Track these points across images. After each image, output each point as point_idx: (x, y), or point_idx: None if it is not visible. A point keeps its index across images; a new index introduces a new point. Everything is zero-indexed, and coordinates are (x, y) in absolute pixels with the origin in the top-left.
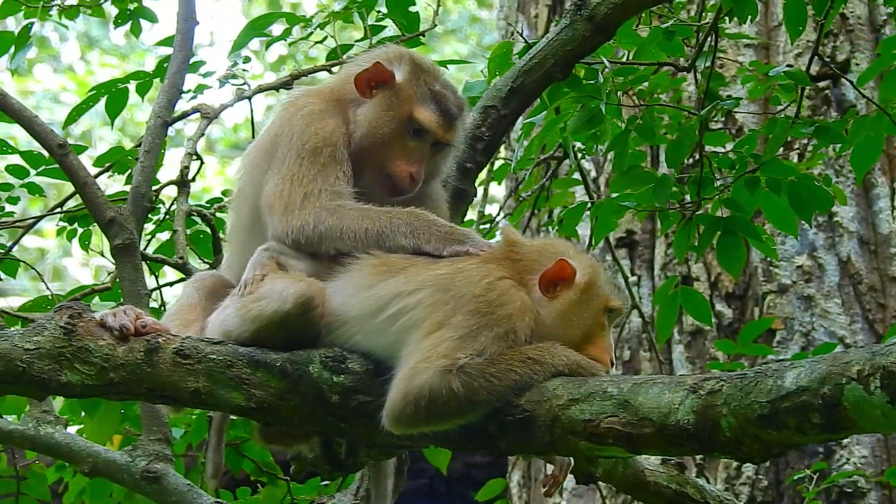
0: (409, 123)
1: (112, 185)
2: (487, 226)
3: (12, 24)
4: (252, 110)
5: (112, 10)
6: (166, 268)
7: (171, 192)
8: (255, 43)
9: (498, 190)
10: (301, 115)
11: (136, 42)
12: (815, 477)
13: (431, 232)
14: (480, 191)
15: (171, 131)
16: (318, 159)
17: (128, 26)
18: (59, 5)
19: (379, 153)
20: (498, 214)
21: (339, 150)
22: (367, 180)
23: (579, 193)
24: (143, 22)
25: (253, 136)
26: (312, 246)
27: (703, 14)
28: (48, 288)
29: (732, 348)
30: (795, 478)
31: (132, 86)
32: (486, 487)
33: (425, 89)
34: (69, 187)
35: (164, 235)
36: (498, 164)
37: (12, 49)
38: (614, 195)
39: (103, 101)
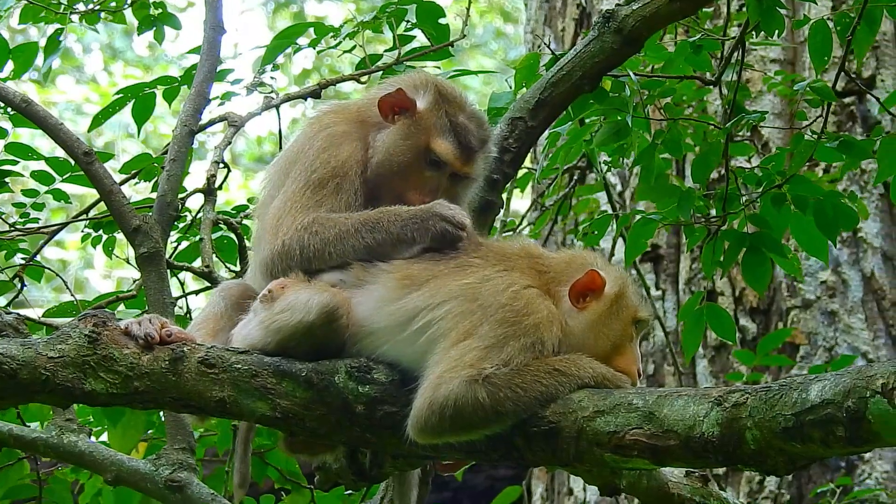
0: (427, 154)
1: (135, 194)
2: (510, 233)
3: (34, 33)
4: (280, 118)
5: (135, 21)
6: (190, 276)
7: (196, 201)
8: (280, 57)
9: (520, 203)
10: (322, 137)
11: (159, 53)
12: (838, 491)
13: (411, 229)
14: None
15: (195, 143)
16: (320, 190)
17: (151, 34)
18: (80, 11)
19: (395, 180)
20: (520, 223)
21: (349, 179)
22: (384, 206)
23: (603, 201)
24: (167, 32)
25: (280, 147)
26: (303, 265)
27: (730, 24)
28: (73, 296)
29: (752, 359)
30: (818, 491)
31: (159, 92)
32: (501, 495)
33: (446, 120)
34: (91, 197)
35: (184, 245)
36: (521, 172)
37: (40, 57)
38: (641, 210)
39: (128, 111)
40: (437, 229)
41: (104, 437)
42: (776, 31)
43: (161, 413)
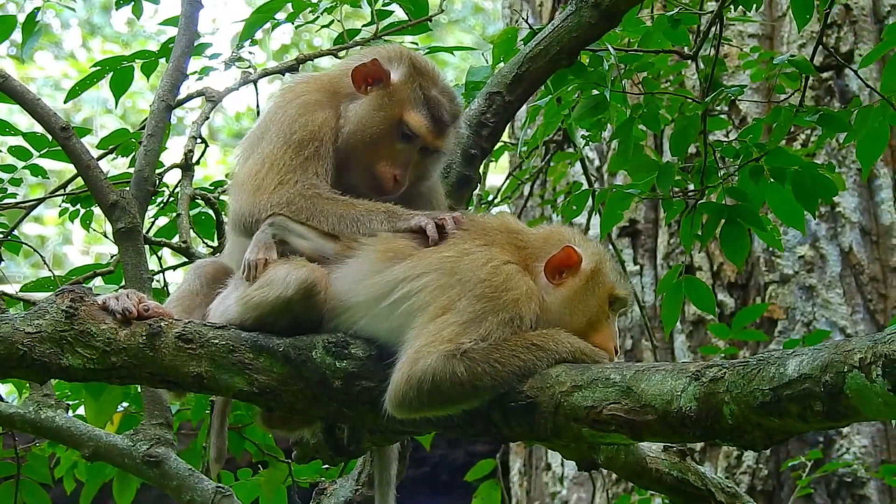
0: (399, 126)
1: (113, 169)
2: (485, 206)
3: (12, 9)
4: (258, 94)
5: None
6: (167, 252)
7: (174, 176)
8: (258, 32)
9: (495, 178)
10: (295, 105)
11: (138, 29)
12: (809, 465)
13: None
14: None
15: (172, 119)
16: (301, 152)
17: (129, 8)
18: None
19: (366, 151)
20: (496, 196)
21: (325, 146)
22: (353, 176)
23: (578, 173)
24: (146, 7)
25: None
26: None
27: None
28: (52, 272)
29: (727, 333)
30: (791, 464)
31: (137, 66)
32: (475, 468)
33: (419, 93)
34: (69, 172)
35: (162, 221)
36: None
37: (19, 36)
38: (619, 185)
39: (108, 88)
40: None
41: (80, 411)
42: (754, 6)
43: (138, 387)
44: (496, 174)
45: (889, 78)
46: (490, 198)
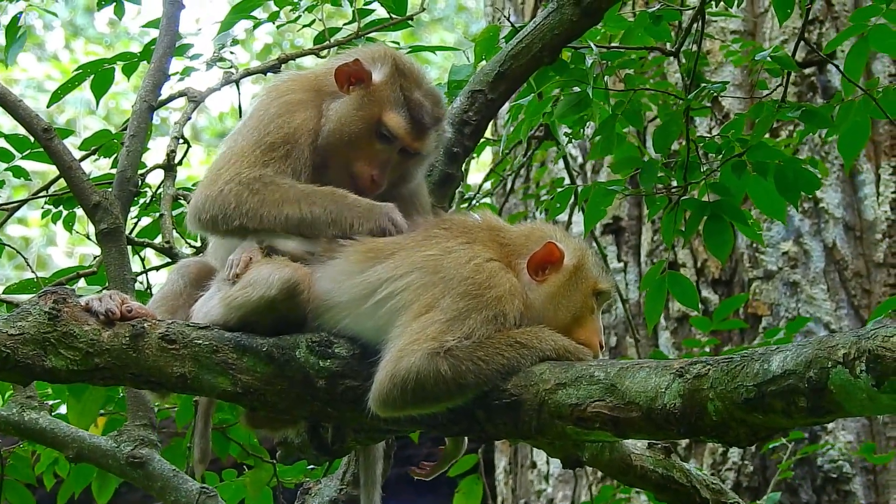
0: (378, 126)
1: (95, 170)
2: (466, 204)
3: None
4: (240, 94)
5: None
6: (151, 252)
7: (157, 177)
8: (240, 32)
9: (476, 176)
10: (277, 104)
11: (121, 31)
12: (790, 446)
13: (353, 215)
14: None
15: (155, 119)
16: (270, 152)
17: (111, 9)
18: None
19: (345, 151)
20: (477, 192)
21: (298, 148)
22: (332, 175)
23: (560, 169)
24: (129, 9)
25: None
26: (228, 223)
27: None
28: (35, 274)
29: (708, 325)
30: (771, 445)
31: (118, 67)
32: (457, 464)
33: (400, 94)
34: (52, 174)
35: (145, 221)
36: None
37: (2, 39)
38: (602, 182)
39: (89, 88)
40: (378, 225)
41: (62, 410)
42: (735, 1)
43: (121, 388)
44: (478, 171)
45: (852, 60)
46: (471, 194)
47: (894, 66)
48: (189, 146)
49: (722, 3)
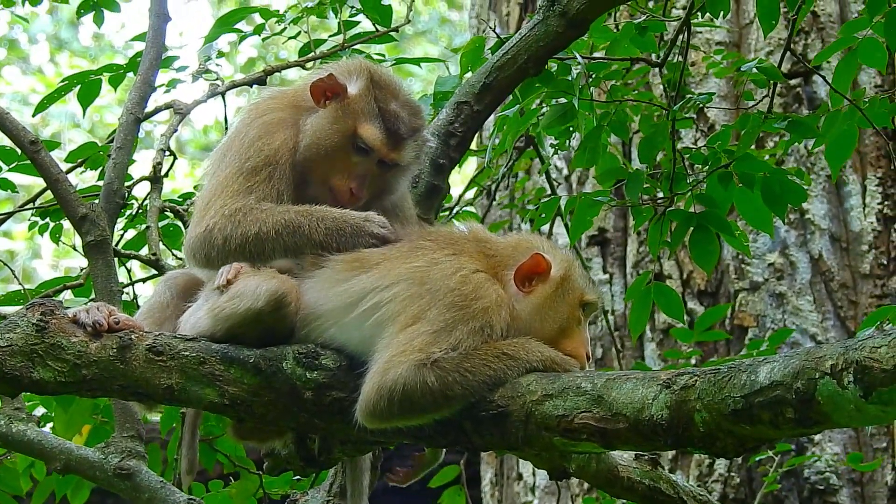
0: (354, 139)
1: (81, 182)
2: (447, 213)
3: None
4: (225, 106)
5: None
6: (136, 264)
7: (143, 189)
8: (225, 45)
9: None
10: (257, 125)
11: (105, 44)
12: (776, 458)
13: (338, 233)
14: None
15: (140, 133)
16: (252, 178)
17: (91, 17)
18: None
19: (322, 164)
20: (458, 202)
21: (280, 168)
22: (312, 190)
23: (542, 179)
24: (113, 23)
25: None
26: (221, 260)
27: (670, 3)
28: (22, 286)
29: (690, 336)
30: (758, 458)
31: (104, 79)
32: (439, 474)
33: (374, 106)
34: (38, 186)
35: (130, 234)
36: None
37: None
38: (588, 193)
39: (76, 103)
40: (362, 244)
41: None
42: (720, 13)
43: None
44: (462, 184)
45: (840, 74)
46: (452, 203)
47: (880, 76)
48: (175, 158)
49: (707, 14)
